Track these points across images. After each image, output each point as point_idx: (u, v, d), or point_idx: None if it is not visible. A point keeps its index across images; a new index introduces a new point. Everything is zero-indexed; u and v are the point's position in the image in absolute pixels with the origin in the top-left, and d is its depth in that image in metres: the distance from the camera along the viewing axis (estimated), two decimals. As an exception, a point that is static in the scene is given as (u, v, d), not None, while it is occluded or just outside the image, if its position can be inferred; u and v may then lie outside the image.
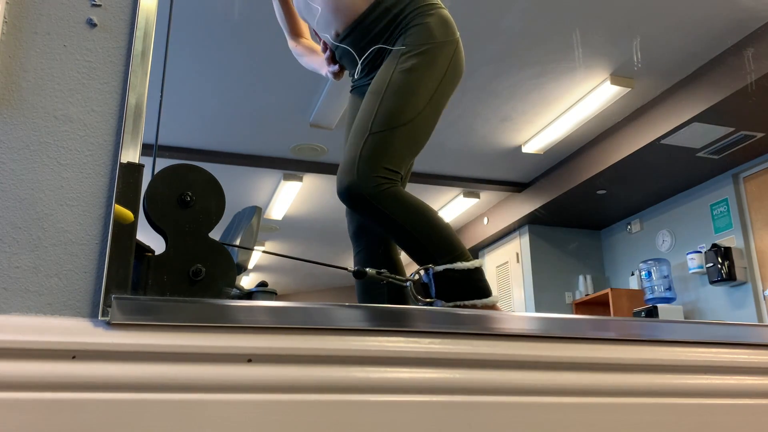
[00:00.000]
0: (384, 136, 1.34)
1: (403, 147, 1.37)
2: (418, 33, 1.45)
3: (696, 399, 0.89)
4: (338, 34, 1.55)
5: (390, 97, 1.38)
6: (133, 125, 0.80)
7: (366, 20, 1.50)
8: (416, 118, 1.38)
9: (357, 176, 1.30)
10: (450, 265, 1.28)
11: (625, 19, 3.33)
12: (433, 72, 1.43)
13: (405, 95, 1.38)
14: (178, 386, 0.69)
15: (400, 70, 1.40)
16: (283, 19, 1.78)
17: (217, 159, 4.62)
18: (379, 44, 1.49)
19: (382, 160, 1.32)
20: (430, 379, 0.79)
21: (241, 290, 1.24)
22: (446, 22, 1.50)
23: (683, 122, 3.84)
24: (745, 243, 4.37)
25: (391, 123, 1.35)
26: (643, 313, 4.65)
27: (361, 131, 1.36)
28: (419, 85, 1.40)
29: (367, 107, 1.39)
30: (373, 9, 1.49)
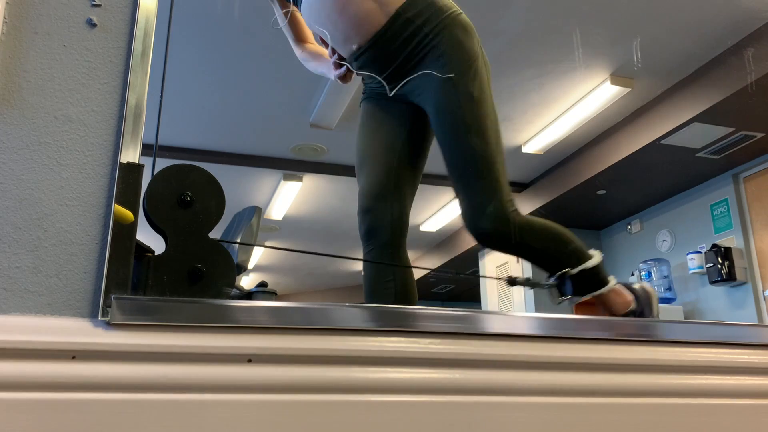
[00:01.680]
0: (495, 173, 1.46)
1: (505, 171, 1.50)
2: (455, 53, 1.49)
3: (696, 399, 0.89)
4: (360, 48, 1.54)
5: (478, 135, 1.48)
6: (133, 125, 0.80)
7: (387, 33, 1.49)
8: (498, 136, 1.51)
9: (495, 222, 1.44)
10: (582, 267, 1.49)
11: (625, 19, 3.33)
12: (486, 87, 1.55)
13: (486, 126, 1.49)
14: (178, 386, 0.69)
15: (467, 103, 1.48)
16: (286, 26, 1.77)
17: (217, 159, 4.62)
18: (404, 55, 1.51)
19: (505, 195, 1.46)
20: (430, 379, 0.79)
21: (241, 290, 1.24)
22: (469, 29, 1.55)
23: (683, 122, 3.84)
24: (745, 243, 4.37)
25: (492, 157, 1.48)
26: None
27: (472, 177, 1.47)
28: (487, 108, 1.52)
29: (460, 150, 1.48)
30: (393, 21, 1.49)
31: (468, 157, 1.48)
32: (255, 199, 5.28)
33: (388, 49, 1.51)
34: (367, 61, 1.55)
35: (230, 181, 4.86)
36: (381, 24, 1.49)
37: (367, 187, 1.58)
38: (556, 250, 1.51)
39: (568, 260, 1.50)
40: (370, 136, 1.63)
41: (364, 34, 1.51)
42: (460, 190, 1.50)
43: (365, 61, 1.56)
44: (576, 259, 1.50)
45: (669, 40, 3.48)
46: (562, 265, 1.50)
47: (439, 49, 1.48)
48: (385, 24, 1.49)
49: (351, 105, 3.96)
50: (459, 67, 1.48)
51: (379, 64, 1.55)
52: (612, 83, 3.81)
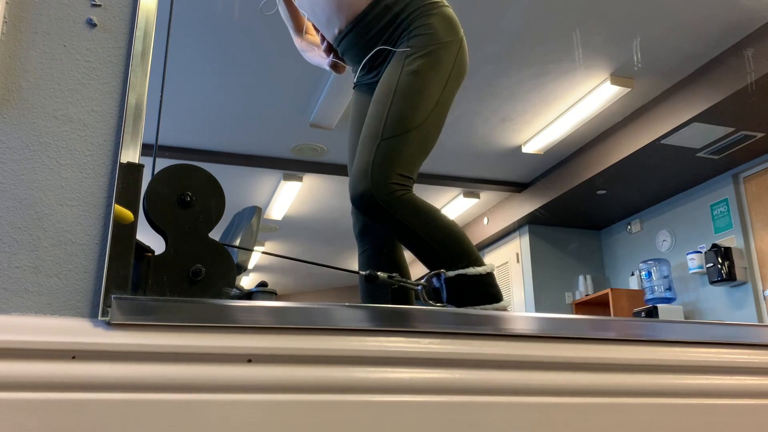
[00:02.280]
0: (396, 141, 1.35)
1: (414, 151, 1.38)
2: (422, 34, 1.45)
3: (696, 399, 0.89)
4: (340, 32, 1.55)
5: (399, 102, 1.38)
6: (133, 125, 0.80)
7: (366, 18, 1.50)
8: (426, 120, 1.39)
9: (371, 183, 1.30)
10: (462, 271, 1.29)
11: (625, 19, 3.33)
12: (439, 73, 1.43)
13: (413, 99, 1.39)
14: (178, 386, 0.69)
15: (406, 72, 1.41)
16: (287, 15, 1.78)
17: (217, 159, 4.62)
18: (381, 42, 1.49)
19: (395, 166, 1.33)
20: (430, 379, 0.79)
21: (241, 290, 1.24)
22: (450, 21, 1.50)
23: (683, 122, 3.84)
24: (745, 243, 4.37)
25: (401, 128, 1.36)
26: (643, 313, 4.65)
27: (372, 137, 1.36)
28: (426, 87, 1.41)
29: (376, 112, 1.39)
30: (373, 6, 1.49)
31: (379, 119, 1.37)
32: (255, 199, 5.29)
33: (367, 35, 1.51)
34: (347, 45, 1.56)
35: (230, 181, 4.86)
36: (361, 8, 1.50)
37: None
38: (438, 242, 1.32)
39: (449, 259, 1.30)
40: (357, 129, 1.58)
41: (345, 18, 1.52)
42: (359, 149, 1.38)
43: (346, 45, 1.56)
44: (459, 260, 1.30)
45: (669, 39, 3.48)
46: (441, 263, 1.31)
47: (408, 30, 1.47)
48: (364, 8, 1.49)
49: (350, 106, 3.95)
50: (417, 44, 1.44)
51: (358, 48, 1.55)
52: (612, 83, 3.81)
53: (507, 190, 5.48)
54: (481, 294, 1.30)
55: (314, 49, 1.74)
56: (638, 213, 5.32)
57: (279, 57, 3.50)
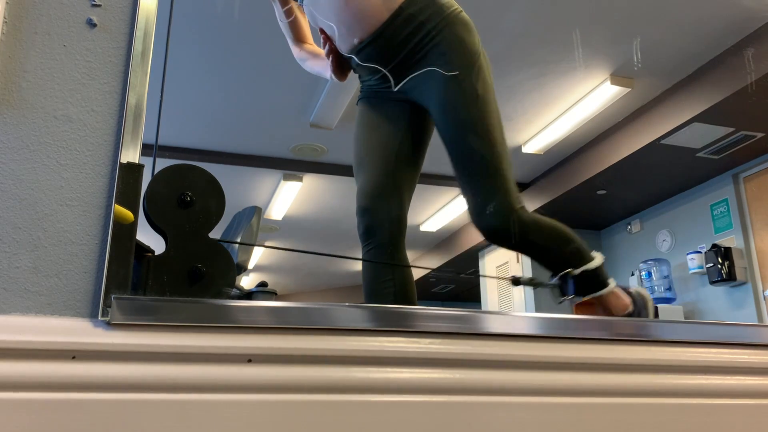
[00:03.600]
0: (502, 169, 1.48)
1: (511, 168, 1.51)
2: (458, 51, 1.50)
3: (696, 399, 0.89)
4: (361, 41, 1.54)
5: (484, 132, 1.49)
6: (133, 125, 0.80)
7: (390, 28, 1.50)
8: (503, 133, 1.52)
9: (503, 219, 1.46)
10: (584, 267, 1.51)
11: (625, 19, 3.33)
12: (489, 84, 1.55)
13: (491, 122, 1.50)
14: (178, 386, 0.69)
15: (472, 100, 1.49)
16: (286, 25, 1.77)
17: (217, 159, 4.62)
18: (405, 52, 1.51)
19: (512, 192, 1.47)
20: (430, 379, 0.79)
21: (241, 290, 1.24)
22: (470, 26, 1.56)
23: (683, 122, 3.84)
24: (745, 243, 4.37)
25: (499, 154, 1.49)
26: (643, 313, 4.65)
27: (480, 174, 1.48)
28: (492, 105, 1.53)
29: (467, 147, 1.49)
30: (396, 16, 1.49)
31: (475, 156, 1.49)
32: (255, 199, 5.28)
33: (390, 45, 1.51)
34: (368, 55, 1.56)
35: (230, 181, 4.86)
36: (384, 19, 1.49)
37: (366, 187, 1.58)
38: (560, 249, 1.53)
39: (571, 260, 1.52)
40: (368, 135, 1.63)
41: (367, 28, 1.51)
42: (468, 189, 1.52)
43: (367, 55, 1.56)
44: (579, 259, 1.52)
45: (669, 40, 3.48)
46: (565, 265, 1.52)
47: (441, 46, 1.49)
48: (387, 19, 1.49)
49: (351, 105, 3.95)
50: (462, 65, 1.49)
51: (380, 59, 1.55)
52: (612, 83, 3.81)
53: (507, 190, 5.46)
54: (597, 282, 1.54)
55: (313, 58, 1.74)
56: (638, 213, 5.31)
57: (279, 57, 3.49)
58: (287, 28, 1.78)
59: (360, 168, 1.61)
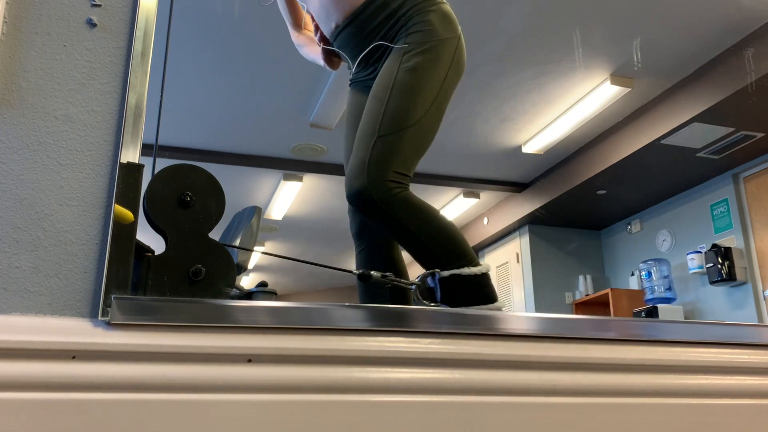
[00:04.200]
0: (393, 138, 1.34)
1: (411, 149, 1.37)
2: (420, 30, 1.44)
3: (696, 399, 0.89)
4: (337, 26, 1.55)
5: (396, 99, 1.37)
6: (133, 125, 0.80)
7: (364, 13, 1.50)
8: (423, 118, 1.38)
9: (368, 181, 1.30)
10: (457, 271, 1.28)
11: (625, 19, 3.33)
12: (437, 70, 1.43)
13: (411, 96, 1.38)
14: (178, 386, 0.69)
15: (404, 69, 1.40)
16: (285, 9, 1.78)
17: (217, 159, 4.62)
18: (378, 39, 1.49)
19: (392, 163, 1.32)
20: (430, 379, 0.79)
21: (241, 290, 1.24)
22: (448, 17, 1.50)
23: (683, 122, 3.84)
24: (745, 243, 4.37)
25: (398, 125, 1.35)
26: (643, 313, 4.65)
27: (368, 134, 1.35)
28: (424, 84, 1.40)
29: (373, 109, 1.39)
30: (370, 2, 1.49)
31: (376, 116, 1.36)
32: (255, 199, 5.29)
33: (363, 30, 1.50)
34: (344, 40, 1.56)
35: (230, 181, 4.86)
36: (359, 3, 1.49)
37: None
38: (433, 241, 1.31)
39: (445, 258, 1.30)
40: (352, 126, 1.56)
41: (343, 12, 1.52)
42: (356, 145, 1.37)
43: (343, 40, 1.56)
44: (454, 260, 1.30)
45: (669, 39, 3.48)
46: (436, 263, 1.30)
47: (406, 27, 1.46)
48: (362, 3, 1.49)
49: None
50: (415, 41, 1.44)
51: (355, 44, 1.54)
52: (612, 83, 3.81)
53: (507, 190, 5.48)
54: (475, 294, 1.29)
55: (310, 44, 1.74)
56: (638, 213, 5.32)
57: (279, 57, 3.50)
58: (286, 12, 1.78)
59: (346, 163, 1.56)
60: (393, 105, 1.36)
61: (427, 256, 1.32)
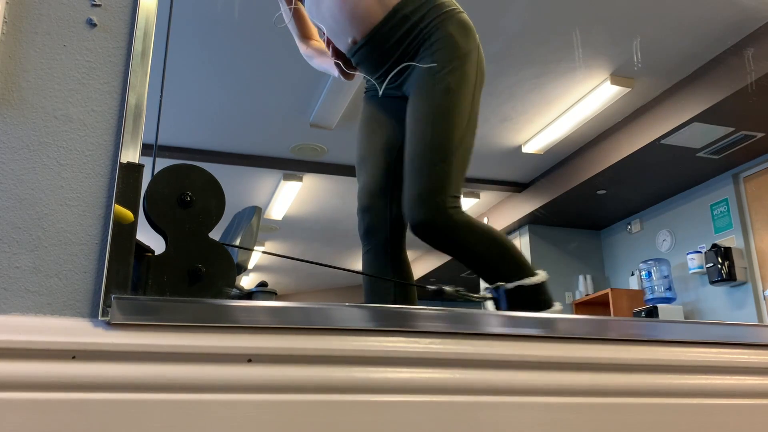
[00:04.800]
0: (445, 165, 1.40)
1: (460, 170, 1.43)
2: (444, 47, 1.47)
3: (696, 399, 0.89)
4: (355, 42, 1.54)
5: (439, 124, 1.42)
6: (133, 125, 0.80)
7: (383, 29, 1.49)
8: (465, 137, 1.44)
9: (431, 212, 1.36)
10: (520, 282, 1.36)
11: (625, 19, 3.33)
12: (468, 86, 1.47)
13: (452, 119, 1.43)
14: (178, 386, 0.69)
15: (439, 92, 1.44)
16: (292, 22, 1.77)
17: (217, 159, 4.62)
18: (399, 53, 1.50)
19: (448, 190, 1.38)
20: (430, 379, 0.79)
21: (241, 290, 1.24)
22: (467, 28, 1.52)
23: (683, 122, 3.84)
24: (745, 243, 4.37)
25: (447, 150, 1.40)
26: (643, 313, 4.65)
27: (420, 164, 1.41)
28: (460, 103, 1.45)
29: (418, 136, 1.43)
30: (391, 17, 1.49)
31: (424, 143, 1.41)
32: (255, 199, 5.28)
33: (385, 46, 1.51)
34: (364, 56, 1.56)
35: (230, 181, 4.86)
36: (378, 19, 1.49)
37: (367, 186, 1.58)
38: (495, 258, 1.40)
39: (507, 272, 1.38)
40: (370, 133, 1.62)
41: (362, 29, 1.51)
42: (407, 175, 1.42)
43: (362, 56, 1.56)
44: (516, 272, 1.38)
45: (669, 39, 3.48)
46: (500, 277, 1.38)
47: (429, 42, 1.47)
48: (382, 19, 1.49)
49: (351, 105, 3.95)
50: (443, 59, 1.46)
51: (375, 59, 1.55)
52: (612, 83, 3.81)
53: (507, 190, 5.47)
54: (537, 302, 1.38)
55: (320, 55, 1.74)
56: (638, 213, 5.32)
57: (279, 57, 3.50)
58: (293, 25, 1.78)
59: (362, 167, 1.61)
60: (437, 130, 1.41)
61: (491, 271, 1.40)
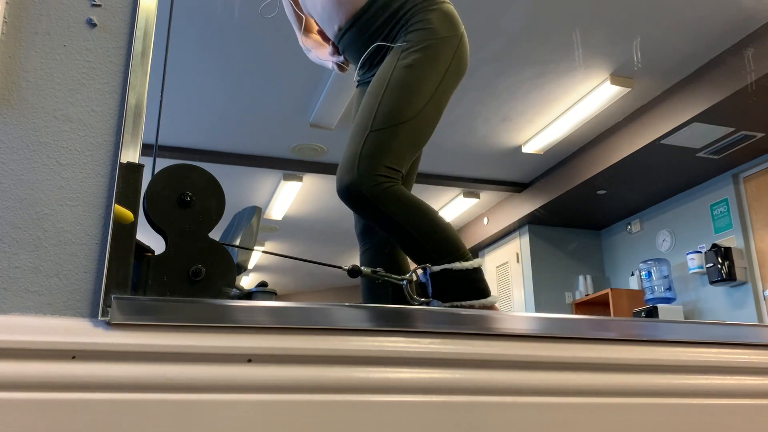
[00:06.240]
0: (385, 133, 1.33)
1: (404, 145, 1.35)
2: (420, 29, 1.44)
3: (696, 399, 0.89)
4: (340, 29, 1.55)
5: (391, 94, 1.36)
6: (133, 125, 0.80)
7: (365, 15, 1.50)
8: (418, 115, 1.37)
9: (357, 175, 1.29)
10: (448, 265, 1.26)
11: (625, 19, 3.33)
12: (436, 68, 1.42)
13: (406, 92, 1.37)
14: (178, 386, 0.69)
15: (401, 66, 1.40)
16: (292, 14, 1.78)
17: (217, 159, 4.62)
18: (380, 39, 1.49)
19: (383, 158, 1.31)
20: (430, 379, 0.79)
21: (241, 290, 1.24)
22: (449, 16, 1.49)
23: (683, 122, 3.84)
24: (745, 243, 4.37)
25: (392, 120, 1.34)
26: (643, 313, 4.65)
27: (361, 129, 1.35)
28: (421, 81, 1.39)
29: (368, 104, 1.38)
30: (372, 3, 1.49)
31: (371, 109, 1.36)
32: (255, 199, 5.29)
33: (367, 32, 1.51)
34: (348, 42, 1.56)
35: (230, 181, 4.86)
36: (360, 5, 1.50)
37: None
38: (425, 235, 1.30)
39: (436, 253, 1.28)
40: None
41: (345, 15, 1.52)
42: (349, 140, 1.36)
43: (346, 42, 1.57)
44: (447, 254, 1.28)
45: (669, 39, 3.48)
46: (428, 257, 1.28)
47: (406, 27, 1.46)
48: (363, 5, 1.50)
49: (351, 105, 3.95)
50: (414, 39, 1.43)
51: (358, 46, 1.54)
52: (612, 83, 3.81)
53: (507, 190, 5.48)
54: (467, 289, 1.28)
55: (318, 48, 1.74)
56: (638, 213, 5.32)
57: (279, 57, 3.50)
58: (293, 17, 1.78)
59: None
60: (387, 101, 1.36)
61: (419, 251, 1.31)
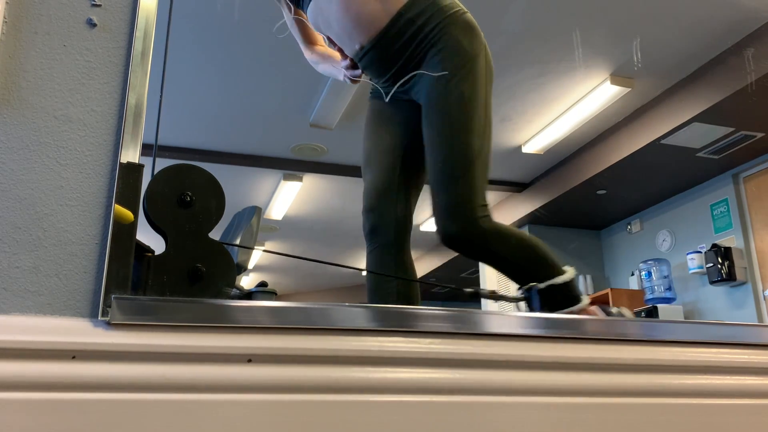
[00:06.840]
0: (471, 176, 1.43)
1: (485, 176, 1.47)
2: (454, 54, 1.48)
3: (696, 399, 0.89)
4: (362, 48, 1.54)
5: (459, 135, 1.45)
6: (133, 125, 0.80)
7: (389, 33, 1.50)
8: (484, 143, 1.48)
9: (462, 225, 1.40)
10: (551, 281, 1.42)
11: (625, 19, 3.33)
12: (480, 89, 1.50)
13: (470, 128, 1.46)
14: (178, 386, 0.69)
15: (455, 102, 1.46)
16: (295, 28, 1.77)
17: (217, 159, 4.62)
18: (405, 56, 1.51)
19: (476, 199, 1.42)
20: (430, 379, 0.79)
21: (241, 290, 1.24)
22: (472, 28, 1.53)
23: (683, 122, 3.84)
24: (745, 243, 4.37)
25: (470, 159, 1.44)
26: (643, 313, 4.65)
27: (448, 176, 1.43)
28: (476, 110, 1.47)
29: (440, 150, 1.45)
30: (396, 21, 1.49)
31: (446, 156, 1.45)
32: (255, 199, 5.28)
33: (390, 50, 1.51)
34: (370, 61, 1.56)
35: (230, 181, 4.86)
36: (383, 24, 1.49)
37: (372, 186, 1.58)
38: (526, 261, 1.46)
39: (538, 273, 1.44)
40: (377, 134, 1.63)
41: (367, 34, 1.51)
42: (434, 189, 1.46)
43: (368, 61, 1.56)
44: (546, 272, 1.44)
45: (669, 40, 3.48)
46: (531, 278, 1.43)
47: (436, 47, 1.48)
48: (387, 24, 1.49)
49: (351, 105, 3.95)
50: (453, 65, 1.47)
51: (382, 64, 1.55)
52: (612, 83, 3.81)
53: (507, 190, 5.47)
54: (567, 298, 1.43)
55: (325, 60, 1.74)
56: (638, 213, 5.32)
57: (279, 57, 3.50)
58: (296, 32, 1.78)
59: (367, 167, 1.62)
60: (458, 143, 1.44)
61: (521, 273, 1.45)
